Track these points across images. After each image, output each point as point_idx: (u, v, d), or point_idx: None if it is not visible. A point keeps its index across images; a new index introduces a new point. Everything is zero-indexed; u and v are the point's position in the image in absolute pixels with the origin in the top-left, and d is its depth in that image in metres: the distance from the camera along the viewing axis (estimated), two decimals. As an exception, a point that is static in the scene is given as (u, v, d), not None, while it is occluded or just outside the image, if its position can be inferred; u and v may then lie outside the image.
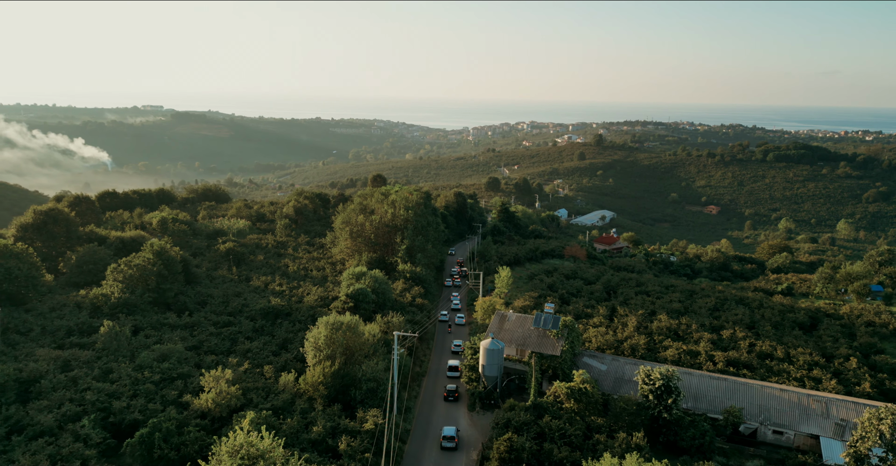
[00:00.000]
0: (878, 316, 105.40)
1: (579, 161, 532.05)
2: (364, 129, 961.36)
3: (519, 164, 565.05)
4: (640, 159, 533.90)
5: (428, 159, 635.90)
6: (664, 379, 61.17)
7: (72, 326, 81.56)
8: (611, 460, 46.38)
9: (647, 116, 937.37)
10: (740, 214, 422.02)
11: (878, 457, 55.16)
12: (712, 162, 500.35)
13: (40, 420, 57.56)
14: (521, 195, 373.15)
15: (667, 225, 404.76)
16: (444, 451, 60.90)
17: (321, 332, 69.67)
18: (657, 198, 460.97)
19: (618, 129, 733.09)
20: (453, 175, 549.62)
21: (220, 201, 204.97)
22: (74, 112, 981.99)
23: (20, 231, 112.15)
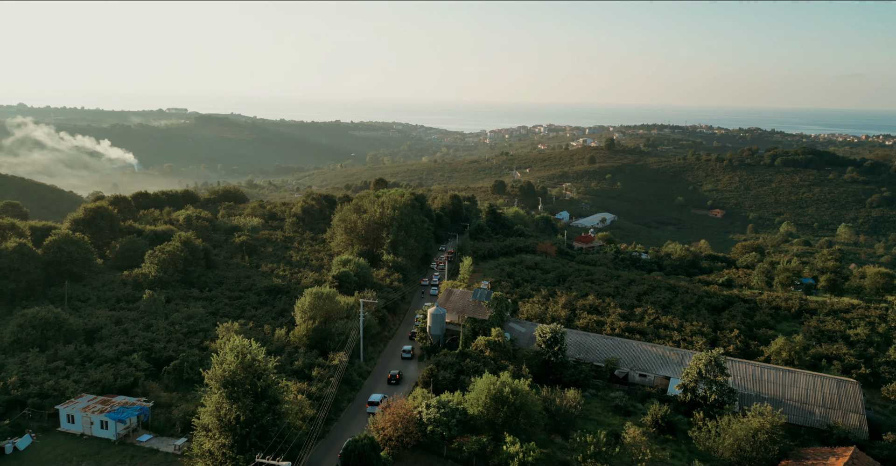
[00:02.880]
0: (787, 302, 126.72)
1: (589, 164, 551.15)
2: (382, 132, 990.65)
3: (530, 168, 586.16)
4: (649, 163, 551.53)
5: (442, 162, 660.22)
6: (552, 333, 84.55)
7: (120, 296, 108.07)
8: (488, 375, 70.08)
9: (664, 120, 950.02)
10: (744, 218, 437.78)
11: (702, 388, 77.90)
12: (720, 166, 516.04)
13: (104, 353, 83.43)
14: (526, 198, 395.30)
15: (671, 228, 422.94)
16: (389, 385, 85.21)
17: (307, 300, 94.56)
18: (664, 201, 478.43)
19: (633, 133, 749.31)
20: (466, 178, 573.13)
21: (237, 201, 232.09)
22: (102, 114, 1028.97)
23: (73, 224, 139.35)
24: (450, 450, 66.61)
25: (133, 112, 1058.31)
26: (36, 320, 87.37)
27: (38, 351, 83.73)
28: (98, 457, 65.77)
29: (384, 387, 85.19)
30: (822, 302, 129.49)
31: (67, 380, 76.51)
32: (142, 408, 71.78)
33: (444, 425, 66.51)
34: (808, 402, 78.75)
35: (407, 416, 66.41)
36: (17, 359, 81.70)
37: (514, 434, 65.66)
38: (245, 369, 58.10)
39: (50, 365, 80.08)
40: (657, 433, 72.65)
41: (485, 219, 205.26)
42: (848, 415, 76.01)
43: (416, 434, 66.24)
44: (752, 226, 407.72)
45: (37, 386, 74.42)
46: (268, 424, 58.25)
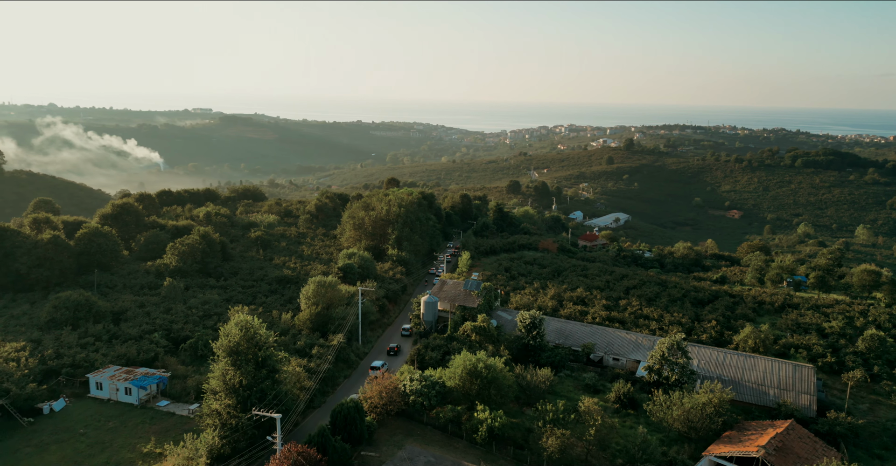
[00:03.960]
0: (772, 297, 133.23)
1: (607, 165, 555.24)
2: (403, 132, 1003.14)
3: (548, 168, 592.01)
4: (667, 164, 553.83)
5: (461, 162, 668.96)
6: (532, 319, 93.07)
7: (143, 283, 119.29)
8: (466, 353, 78.96)
9: (687, 120, 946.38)
10: (762, 219, 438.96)
11: (665, 369, 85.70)
12: (739, 167, 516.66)
13: (129, 332, 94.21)
14: (540, 198, 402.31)
15: (688, 228, 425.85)
16: (389, 356, 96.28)
17: (311, 288, 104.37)
18: (681, 202, 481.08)
19: (654, 134, 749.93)
20: (484, 178, 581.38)
21: (256, 200, 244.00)
22: (129, 114, 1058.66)
23: (102, 219, 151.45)
24: (429, 418, 75.56)
25: (159, 112, 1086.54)
26: (69, 302, 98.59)
27: (71, 329, 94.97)
28: (122, 419, 76.18)
29: (384, 357, 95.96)
30: (808, 298, 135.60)
31: (96, 354, 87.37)
32: (160, 378, 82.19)
33: (425, 395, 75.57)
34: (764, 384, 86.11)
35: (391, 387, 75.65)
36: (52, 336, 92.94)
37: (487, 404, 74.32)
38: (248, 340, 67.72)
39: (81, 341, 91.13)
40: (620, 407, 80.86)
41: (491, 218, 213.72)
42: (800, 396, 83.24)
43: (399, 402, 75.42)
44: (770, 227, 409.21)
45: (70, 358, 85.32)
46: (266, 388, 67.79)
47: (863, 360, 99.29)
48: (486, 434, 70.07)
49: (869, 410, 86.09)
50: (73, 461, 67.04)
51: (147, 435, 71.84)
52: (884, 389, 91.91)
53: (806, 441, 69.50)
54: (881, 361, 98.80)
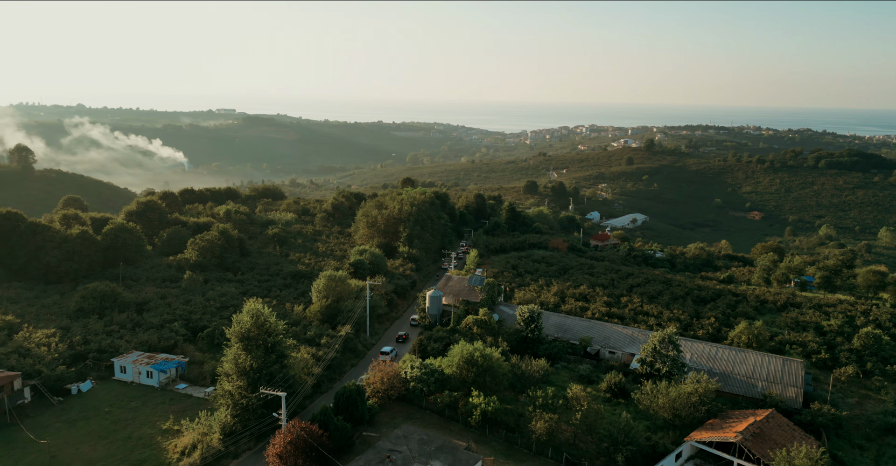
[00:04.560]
0: (775, 296, 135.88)
1: (627, 165, 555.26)
2: (423, 133, 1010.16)
3: (567, 168, 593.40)
4: (688, 164, 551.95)
5: (480, 163, 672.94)
6: (530, 313, 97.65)
7: (165, 276, 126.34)
8: (463, 343, 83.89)
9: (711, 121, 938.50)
10: (784, 220, 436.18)
11: (657, 361, 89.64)
12: (761, 168, 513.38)
13: (151, 321, 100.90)
14: (557, 198, 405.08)
15: (707, 229, 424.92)
16: (398, 343, 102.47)
17: (321, 282, 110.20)
18: (701, 203, 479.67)
19: (676, 134, 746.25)
20: (503, 178, 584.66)
21: (275, 198, 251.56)
22: (155, 115, 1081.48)
23: (127, 216, 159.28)
24: (428, 403, 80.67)
25: (184, 112, 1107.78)
26: (96, 292, 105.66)
27: (98, 318, 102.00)
28: (144, 399, 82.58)
29: (393, 344, 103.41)
30: (812, 297, 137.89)
31: (121, 340, 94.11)
32: (179, 363, 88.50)
33: (425, 382, 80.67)
34: (753, 377, 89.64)
35: (392, 373, 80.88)
36: (80, 323, 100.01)
37: (482, 390, 79.10)
38: (258, 327, 73.38)
39: (107, 329, 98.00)
40: (611, 397, 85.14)
41: (504, 217, 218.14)
42: (787, 388, 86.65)
43: (400, 388, 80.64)
44: (791, 229, 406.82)
45: (96, 344, 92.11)
46: (275, 372, 73.37)
47: (857, 357, 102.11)
48: (480, 417, 74.93)
49: (857, 404, 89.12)
50: (99, 435, 73.42)
51: (166, 414, 77.99)
52: (874, 384, 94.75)
53: (784, 428, 73.17)
54: (876, 358, 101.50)
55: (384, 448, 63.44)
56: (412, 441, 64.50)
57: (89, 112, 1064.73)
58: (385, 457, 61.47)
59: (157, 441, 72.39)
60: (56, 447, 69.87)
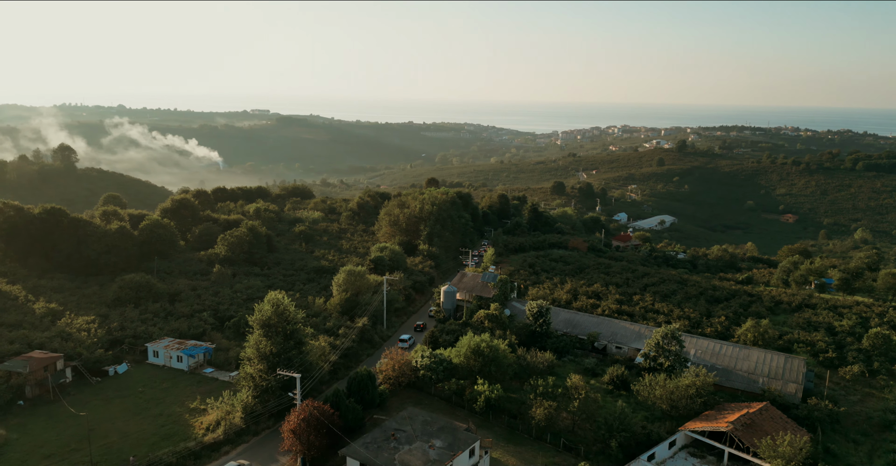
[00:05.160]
0: (791, 297, 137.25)
1: (658, 167, 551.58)
2: (454, 133, 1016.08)
3: (597, 169, 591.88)
4: (720, 166, 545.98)
5: (509, 163, 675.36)
6: (539, 308, 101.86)
7: (196, 270, 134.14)
8: (471, 334, 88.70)
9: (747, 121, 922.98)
10: (818, 223, 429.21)
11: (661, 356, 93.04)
12: (797, 170, 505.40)
13: (182, 310, 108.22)
14: (584, 199, 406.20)
15: (738, 232, 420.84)
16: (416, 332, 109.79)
17: (341, 276, 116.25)
18: (733, 205, 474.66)
19: (710, 135, 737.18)
20: (531, 178, 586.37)
21: (304, 197, 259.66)
22: (192, 115, 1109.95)
23: (162, 213, 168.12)
24: (436, 390, 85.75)
25: (219, 113, 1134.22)
26: (132, 284, 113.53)
27: (133, 307, 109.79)
28: (174, 381, 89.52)
29: (412, 333, 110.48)
30: (828, 299, 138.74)
31: (154, 327, 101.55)
32: (207, 349, 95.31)
33: (434, 370, 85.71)
34: (754, 373, 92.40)
35: (403, 362, 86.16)
36: (117, 312, 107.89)
37: (487, 379, 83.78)
38: (278, 316, 79.37)
39: (141, 317, 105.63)
40: (613, 388, 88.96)
41: (526, 217, 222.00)
42: (787, 384, 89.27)
43: (410, 375, 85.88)
44: (825, 232, 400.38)
45: (131, 331, 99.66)
46: (293, 356, 79.20)
47: (866, 357, 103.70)
48: (484, 404, 79.70)
49: (859, 401, 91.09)
50: (132, 412, 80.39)
51: (194, 395, 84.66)
52: (879, 383, 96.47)
53: (777, 421, 76.16)
54: (884, 358, 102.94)
55: (390, 427, 68.66)
56: (416, 422, 69.58)
57: (129, 112, 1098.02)
58: (390, 435, 66.66)
59: (184, 418, 79.00)
60: (94, 421, 76.92)
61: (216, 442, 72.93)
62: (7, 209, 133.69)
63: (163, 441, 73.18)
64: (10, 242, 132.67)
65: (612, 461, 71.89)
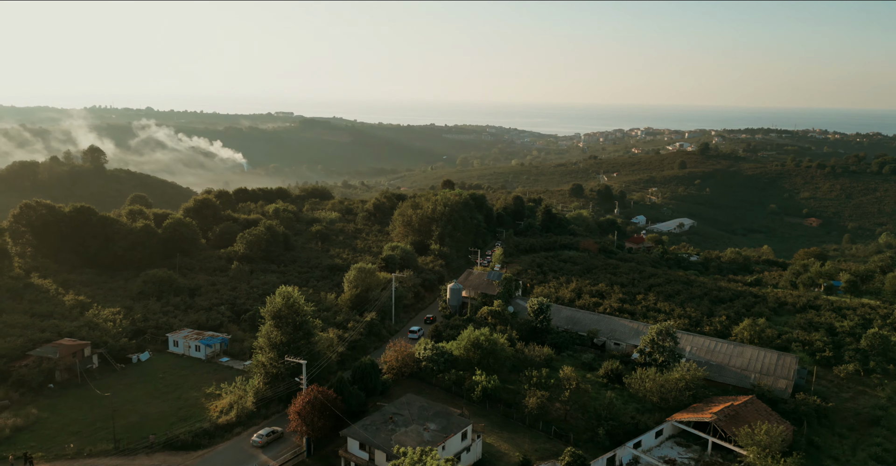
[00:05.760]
0: (796, 298, 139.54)
1: (679, 169, 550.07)
2: (475, 135, 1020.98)
3: (618, 172, 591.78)
4: (743, 169, 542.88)
5: (529, 165, 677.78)
6: (539, 305, 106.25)
7: (216, 266, 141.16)
8: (471, 328, 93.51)
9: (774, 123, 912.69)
10: (842, 227, 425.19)
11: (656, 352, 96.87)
12: (821, 173, 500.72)
13: (201, 303, 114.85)
14: (603, 201, 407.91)
15: (760, 235, 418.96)
16: (426, 324, 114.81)
17: (352, 273, 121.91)
18: (756, 208, 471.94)
19: (734, 138, 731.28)
20: (551, 181, 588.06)
21: (323, 198, 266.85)
22: (217, 118, 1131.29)
23: (185, 212, 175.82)
24: (437, 380, 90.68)
25: (244, 115, 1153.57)
26: (155, 278, 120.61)
27: (156, 300, 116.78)
28: (192, 369, 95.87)
29: (421, 325, 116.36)
30: (835, 300, 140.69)
31: (175, 319, 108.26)
32: (223, 339, 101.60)
33: (435, 362, 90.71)
34: (747, 369, 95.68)
35: (406, 353, 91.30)
36: (141, 304, 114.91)
37: (486, 371, 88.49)
38: (288, 307, 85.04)
39: (163, 309, 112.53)
40: (607, 382, 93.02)
41: (540, 219, 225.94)
42: (778, 380, 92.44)
43: (412, 366, 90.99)
44: (849, 236, 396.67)
45: (154, 322, 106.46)
46: (301, 346, 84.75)
47: (863, 356, 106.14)
48: (481, 393, 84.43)
49: (851, 398, 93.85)
50: (153, 395, 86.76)
51: (210, 381, 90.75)
52: (873, 381, 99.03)
53: (762, 413, 79.65)
54: (881, 358, 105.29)
55: (389, 411, 73.81)
56: (414, 407, 74.63)
57: (156, 114, 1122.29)
58: (388, 418, 71.80)
59: (200, 402, 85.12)
60: (117, 403, 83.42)
61: (229, 424, 78.82)
62: (39, 208, 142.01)
63: (180, 422, 79.30)
64: (43, 239, 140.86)
65: (599, 447, 76.09)
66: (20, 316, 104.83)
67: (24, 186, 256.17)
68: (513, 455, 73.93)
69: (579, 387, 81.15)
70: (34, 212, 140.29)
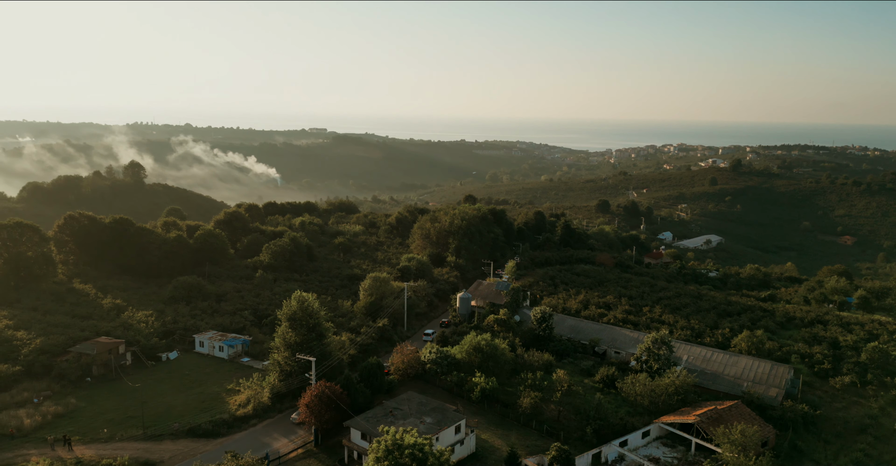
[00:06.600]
0: (805, 313, 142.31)
1: (710, 186, 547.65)
2: (505, 151, 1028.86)
3: (648, 188, 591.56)
4: (776, 186, 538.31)
5: (559, 181, 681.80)
6: (542, 314, 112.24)
7: (242, 275, 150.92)
8: (473, 333, 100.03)
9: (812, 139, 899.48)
10: (878, 246, 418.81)
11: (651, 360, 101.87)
12: (857, 190, 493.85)
13: (226, 308, 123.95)
14: (629, 217, 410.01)
15: (792, 253, 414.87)
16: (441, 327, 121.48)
17: (367, 282, 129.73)
18: (788, 226, 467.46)
19: (769, 154, 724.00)
20: (580, 197, 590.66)
21: (349, 212, 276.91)
22: (253, 134, 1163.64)
23: (216, 224, 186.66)
24: (440, 381, 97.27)
25: (279, 131, 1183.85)
26: (185, 285, 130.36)
27: (185, 304, 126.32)
28: (216, 367, 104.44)
29: (436, 328, 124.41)
30: (845, 316, 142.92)
31: (201, 322, 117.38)
32: (245, 341, 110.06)
33: (438, 364, 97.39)
34: (740, 378, 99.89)
35: (411, 356, 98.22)
36: (172, 308, 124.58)
37: (485, 373, 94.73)
38: (302, 310, 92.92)
39: (191, 313, 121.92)
40: (603, 386, 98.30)
41: (559, 233, 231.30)
42: (770, 389, 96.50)
43: (417, 368, 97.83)
44: (884, 255, 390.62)
45: (182, 324, 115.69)
46: (314, 346, 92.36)
47: (862, 369, 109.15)
48: (480, 394, 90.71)
49: (843, 408, 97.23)
50: (179, 390, 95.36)
51: (231, 379, 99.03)
52: (868, 393, 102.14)
53: (745, 417, 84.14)
54: (880, 371, 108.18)
55: (389, 406, 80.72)
56: (413, 403, 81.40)
57: (195, 131, 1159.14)
58: (389, 412, 78.68)
59: (221, 396, 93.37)
60: (146, 396, 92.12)
61: (246, 416, 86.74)
62: (82, 219, 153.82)
63: (202, 413, 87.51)
64: (85, 248, 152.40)
65: (588, 445, 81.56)
66: (63, 317, 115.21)
67: (68, 199, 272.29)
68: (504, 450, 79.90)
69: (571, 389, 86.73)
70: (77, 223, 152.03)
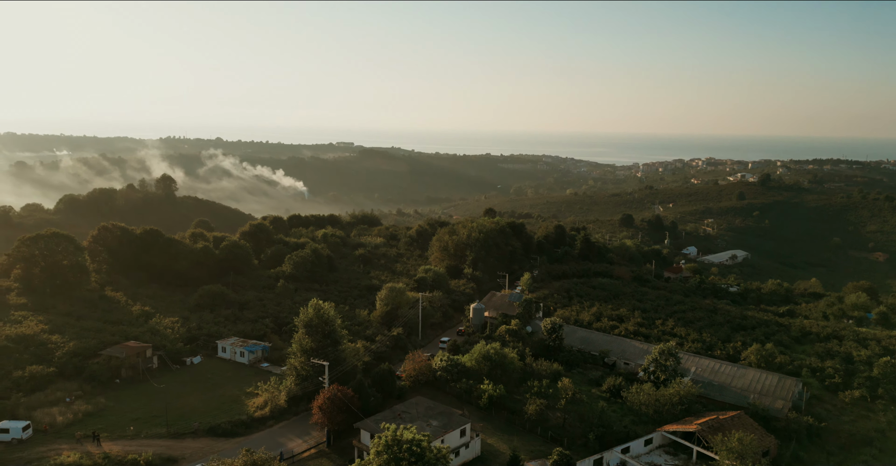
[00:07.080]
0: (822, 328, 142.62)
1: (738, 201, 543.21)
2: (531, 165, 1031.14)
3: (674, 202, 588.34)
4: (806, 201, 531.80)
5: (583, 195, 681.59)
6: (552, 325, 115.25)
7: (264, 284, 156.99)
8: (483, 343, 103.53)
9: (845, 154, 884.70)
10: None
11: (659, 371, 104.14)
12: (890, 206, 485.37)
13: (248, 316, 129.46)
14: (653, 232, 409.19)
15: (822, 269, 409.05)
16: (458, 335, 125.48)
17: (384, 292, 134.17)
18: (817, 241, 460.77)
19: (800, 168, 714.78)
20: (605, 211, 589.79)
21: (371, 225, 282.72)
22: (281, 148, 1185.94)
23: (241, 236, 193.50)
24: (450, 388, 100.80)
25: (306, 145, 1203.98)
26: (210, 293, 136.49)
27: (209, 311, 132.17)
28: (236, 371, 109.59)
29: (452, 336, 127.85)
30: (862, 332, 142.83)
31: (224, 328, 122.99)
32: (264, 347, 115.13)
33: (449, 372, 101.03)
34: (747, 390, 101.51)
35: (422, 363, 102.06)
36: (197, 315, 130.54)
37: (494, 381, 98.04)
38: (318, 318, 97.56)
39: (215, 320, 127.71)
40: (609, 396, 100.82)
41: (578, 247, 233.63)
42: (776, 401, 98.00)
43: (428, 374, 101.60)
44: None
45: (206, 330, 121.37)
46: (329, 352, 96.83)
47: (873, 383, 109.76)
48: (487, 401, 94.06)
49: (851, 421, 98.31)
50: (202, 392, 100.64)
51: (250, 382, 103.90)
52: (877, 407, 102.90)
53: (748, 427, 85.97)
54: (891, 385, 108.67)
55: (398, 409, 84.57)
56: (420, 407, 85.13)
57: (225, 145, 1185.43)
58: (397, 415, 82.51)
59: (241, 398, 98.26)
60: (171, 396, 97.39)
61: (263, 417, 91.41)
62: (114, 230, 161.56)
63: (222, 414, 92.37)
64: (116, 257, 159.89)
65: (590, 452, 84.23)
66: (95, 322, 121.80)
67: (102, 211, 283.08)
68: (509, 454, 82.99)
69: (576, 397, 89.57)
70: (110, 234, 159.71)
